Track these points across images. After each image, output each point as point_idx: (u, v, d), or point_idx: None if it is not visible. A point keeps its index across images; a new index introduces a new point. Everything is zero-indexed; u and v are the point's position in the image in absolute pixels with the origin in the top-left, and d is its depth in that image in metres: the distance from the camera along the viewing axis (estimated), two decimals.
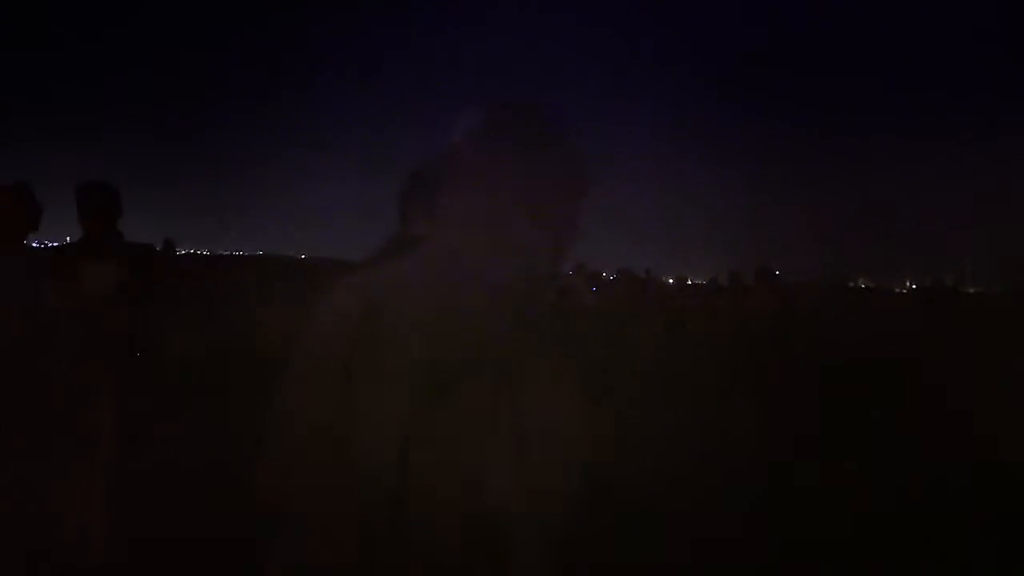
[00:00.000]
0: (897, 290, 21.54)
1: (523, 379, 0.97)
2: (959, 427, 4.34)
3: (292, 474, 0.99)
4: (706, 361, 5.98)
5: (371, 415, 0.94)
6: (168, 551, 2.67)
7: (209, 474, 3.15)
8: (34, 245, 3.50)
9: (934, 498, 3.55)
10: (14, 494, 2.52)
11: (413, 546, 0.93)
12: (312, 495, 0.97)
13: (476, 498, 0.94)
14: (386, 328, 0.96)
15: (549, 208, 0.99)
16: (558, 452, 0.99)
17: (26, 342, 2.75)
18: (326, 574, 0.95)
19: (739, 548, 3.06)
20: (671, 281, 14.80)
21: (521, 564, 0.98)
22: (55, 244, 3.41)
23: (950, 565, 3.00)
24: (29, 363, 2.72)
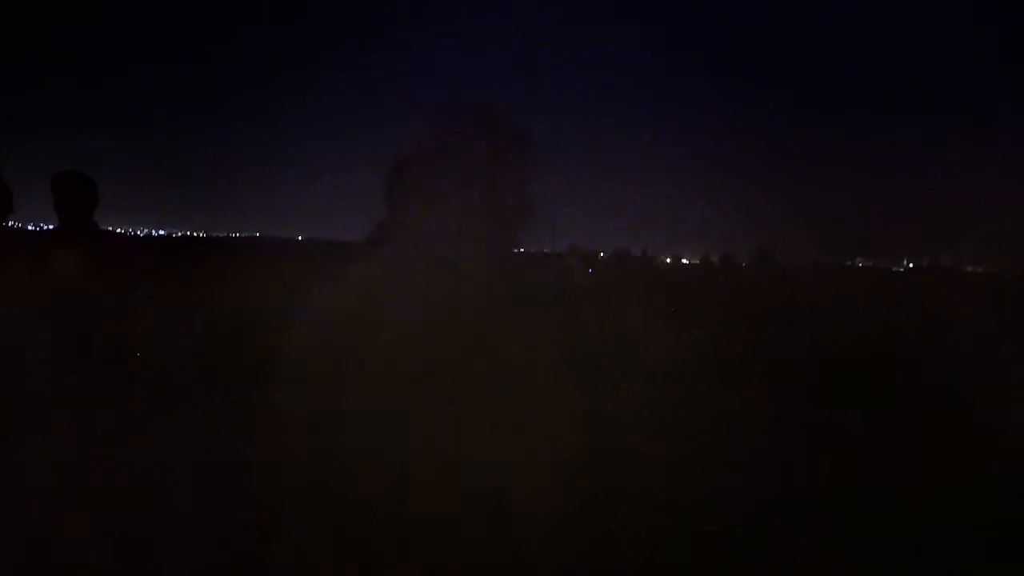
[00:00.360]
0: (895, 269, 21.60)
1: (499, 357, 0.98)
2: (961, 417, 4.31)
3: (291, 456, 1.03)
4: (703, 348, 5.95)
5: (363, 397, 0.96)
6: (163, 550, 2.63)
7: (206, 472, 3.11)
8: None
9: (936, 496, 3.51)
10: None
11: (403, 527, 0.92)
12: (311, 480, 0.99)
13: (470, 478, 0.94)
14: (375, 314, 0.98)
15: (504, 195, 1.06)
16: (535, 429, 0.99)
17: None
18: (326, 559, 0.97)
19: (739, 546, 3.03)
20: (668, 261, 14.80)
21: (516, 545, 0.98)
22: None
23: (952, 564, 2.97)
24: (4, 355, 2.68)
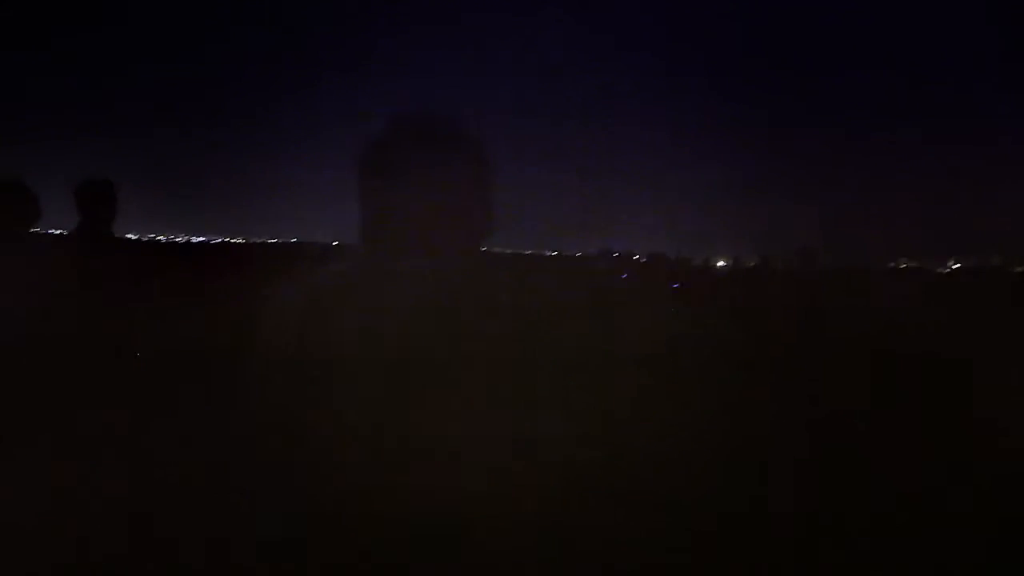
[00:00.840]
0: (940, 271, 20.99)
1: (451, 370, 0.98)
2: (987, 425, 4.22)
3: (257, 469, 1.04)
4: (728, 350, 5.88)
5: (320, 410, 0.97)
6: (160, 549, 2.71)
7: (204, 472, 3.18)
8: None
9: (944, 497, 3.46)
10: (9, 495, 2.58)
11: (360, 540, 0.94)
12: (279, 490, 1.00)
13: (471, 480, 0.95)
14: (329, 322, 0.99)
15: (456, 204, 1.06)
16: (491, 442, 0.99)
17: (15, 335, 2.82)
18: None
19: (741, 547, 3.03)
20: (700, 263, 14.62)
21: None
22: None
23: (952, 564, 2.92)
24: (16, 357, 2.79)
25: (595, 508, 2.96)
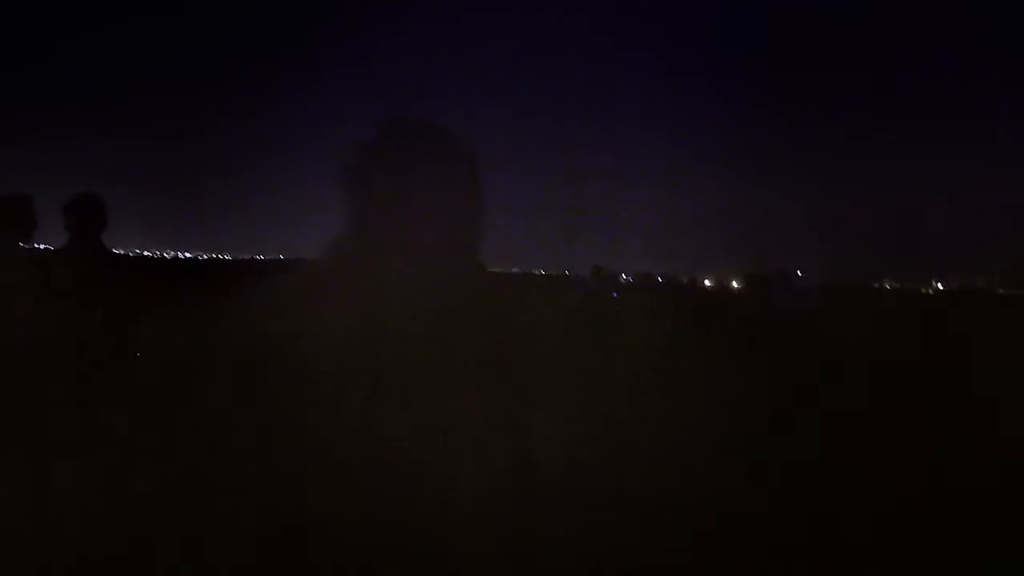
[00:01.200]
0: (924, 291, 21.15)
1: (433, 368, 0.98)
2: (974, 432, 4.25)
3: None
4: (711, 363, 5.91)
5: (303, 407, 0.97)
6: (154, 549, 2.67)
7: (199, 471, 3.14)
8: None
9: (936, 496, 3.46)
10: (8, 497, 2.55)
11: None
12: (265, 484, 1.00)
13: (472, 481, 0.95)
14: (307, 323, 0.99)
15: (443, 211, 1.05)
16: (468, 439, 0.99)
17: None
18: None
19: (739, 547, 3.02)
20: (684, 282, 14.70)
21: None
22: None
23: (952, 564, 2.92)
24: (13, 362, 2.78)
25: (595, 508, 2.94)
